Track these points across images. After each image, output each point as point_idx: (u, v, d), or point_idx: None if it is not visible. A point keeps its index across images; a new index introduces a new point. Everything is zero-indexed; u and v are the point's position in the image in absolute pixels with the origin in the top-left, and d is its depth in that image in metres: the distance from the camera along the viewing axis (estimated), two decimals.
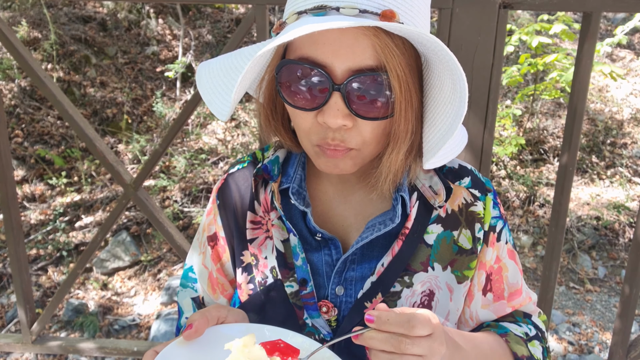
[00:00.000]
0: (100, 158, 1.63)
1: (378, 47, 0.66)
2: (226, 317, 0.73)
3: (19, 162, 5.42)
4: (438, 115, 0.71)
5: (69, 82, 5.86)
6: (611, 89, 6.61)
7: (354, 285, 0.81)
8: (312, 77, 0.69)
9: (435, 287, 0.82)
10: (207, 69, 0.79)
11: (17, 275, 1.78)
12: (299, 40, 0.70)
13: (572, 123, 1.35)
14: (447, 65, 0.66)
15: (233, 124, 6.23)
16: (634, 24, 4.42)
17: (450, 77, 0.67)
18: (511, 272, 0.89)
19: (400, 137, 0.73)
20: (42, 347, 1.85)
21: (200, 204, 5.43)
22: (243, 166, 0.93)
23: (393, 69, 0.67)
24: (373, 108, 0.70)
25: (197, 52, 6.58)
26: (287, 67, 0.71)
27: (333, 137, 0.72)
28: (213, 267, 0.94)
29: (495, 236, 0.86)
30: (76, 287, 4.70)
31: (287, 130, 0.85)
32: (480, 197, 0.86)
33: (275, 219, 0.85)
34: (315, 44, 0.68)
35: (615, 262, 5.11)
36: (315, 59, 0.68)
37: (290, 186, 0.84)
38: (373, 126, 0.72)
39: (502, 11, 1.26)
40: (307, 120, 0.73)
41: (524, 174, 5.78)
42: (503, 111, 5.79)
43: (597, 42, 1.33)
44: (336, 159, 0.74)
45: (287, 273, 0.82)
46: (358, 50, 0.67)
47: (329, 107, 0.69)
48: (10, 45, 1.54)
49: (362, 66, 0.67)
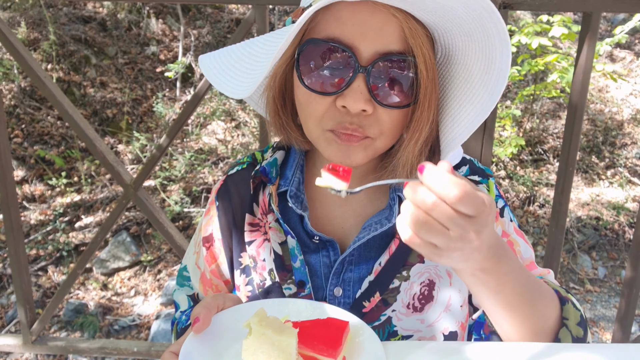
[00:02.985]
0: (101, 158, 1.63)
1: (407, 30, 0.65)
2: (224, 303, 0.74)
3: (19, 163, 5.42)
4: (463, 105, 0.69)
5: (68, 83, 5.86)
6: (611, 89, 6.61)
7: (352, 286, 0.80)
8: (337, 58, 0.67)
9: (435, 276, 0.82)
10: (213, 58, 0.79)
11: (17, 275, 1.78)
12: (324, 21, 0.68)
13: (572, 123, 1.35)
14: (487, 39, 0.63)
15: (233, 125, 6.23)
16: (633, 24, 4.42)
17: (485, 55, 0.64)
18: (523, 247, 0.87)
19: (423, 123, 0.71)
20: (42, 347, 1.85)
21: (200, 205, 5.43)
22: (242, 168, 0.92)
23: (421, 53, 0.66)
24: (396, 95, 0.68)
25: (197, 52, 6.58)
26: (312, 46, 0.69)
27: (351, 121, 0.69)
28: (207, 268, 0.93)
29: (497, 211, 0.85)
30: (76, 288, 4.69)
31: (297, 126, 0.83)
32: (482, 180, 0.86)
33: (273, 221, 0.84)
34: (343, 25, 0.66)
35: (615, 262, 5.11)
36: (342, 40, 0.66)
37: (289, 189, 0.83)
38: (392, 116, 0.70)
39: (502, 11, 1.26)
40: (322, 105, 0.71)
41: (524, 175, 5.78)
42: (503, 111, 5.79)
43: (597, 42, 1.33)
44: (349, 148, 0.72)
45: (284, 275, 0.82)
46: (386, 33, 0.65)
47: (352, 90, 0.67)
48: (10, 46, 1.54)
49: (390, 49, 0.66)
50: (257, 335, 0.65)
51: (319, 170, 0.86)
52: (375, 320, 0.80)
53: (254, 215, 0.87)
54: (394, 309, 0.80)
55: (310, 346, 0.67)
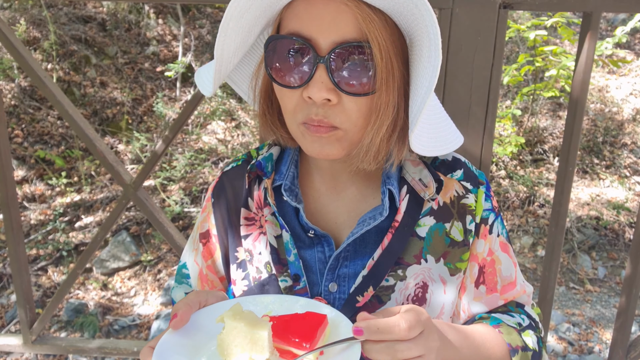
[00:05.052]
0: (100, 158, 1.63)
1: (360, 18, 0.68)
2: (207, 300, 0.74)
3: (19, 163, 5.42)
4: (420, 87, 0.71)
5: (69, 82, 5.86)
6: (611, 89, 6.61)
7: (347, 281, 0.81)
8: (298, 51, 0.71)
9: (428, 279, 0.82)
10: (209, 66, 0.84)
11: (17, 275, 1.78)
12: (285, 19, 0.72)
13: (572, 122, 1.35)
14: (423, 23, 0.66)
15: (233, 124, 6.23)
16: (633, 24, 4.41)
17: (427, 35, 0.66)
18: (504, 265, 0.89)
19: (382, 109, 0.72)
20: (42, 347, 1.85)
21: (200, 204, 5.43)
22: (237, 164, 0.94)
23: (375, 38, 0.68)
24: (357, 82, 0.70)
25: (197, 52, 6.58)
26: (275, 42, 0.73)
27: (317, 112, 0.72)
28: (203, 264, 0.95)
29: (487, 228, 0.86)
30: (76, 287, 4.69)
31: (283, 124, 0.85)
32: (472, 189, 0.86)
33: (269, 214, 0.85)
34: (300, 20, 0.70)
35: (615, 262, 5.11)
36: (301, 33, 0.70)
37: (283, 183, 0.84)
38: (358, 104, 0.72)
39: (502, 11, 1.26)
40: (292, 99, 0.74)
41: (524, 174, 5.78)
42: (503, 111, 5.79)
43: (597, 42, 1.33)
44: (321, 140, 0.74)
45: (280, 268, 0.83)
46: (341, 23, 0.68)
47: (314, 80, 0.70)
48: (10, 45, 1.54)
49: (345, 38, 0.69)
50: (230, 329, 0.65)
51: (312, 166, 0.89)
52: None
53: (249, 209, 0.88)
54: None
55: (285, 340, 0.66)
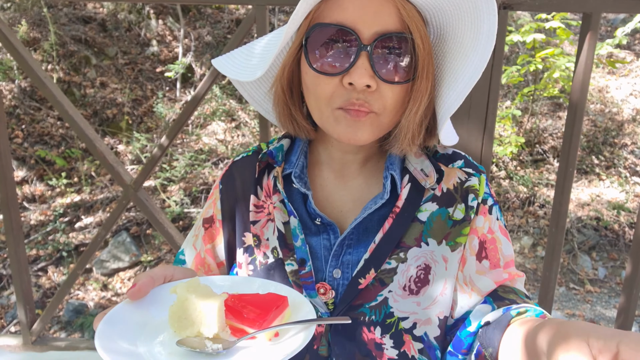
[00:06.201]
0: (101, 159, 1.63)
1: (402, 11, 0.73)
2: (172, 275, 0.73)
3: (19, 163, 5.42)
4: (458, 72, 0.75)
5: (69, 83, 5.87)
6: (611, 89, 6.61)
7: (351, 268, 0.84)
8: (342, 40, 0.74)
9: (431, 261, 0.85)
10: (227, 57, 0.89)
11: (17, 275, 1.78)
12: (328, 9, 0.75)
13: (572, 123, 1.35)
14: (474, 6, 0.70)
15: (233, 125, 6.24)
16: (634, 25, 4.41)
17: (472, 22, 0.71)
18: (504, 245, 0.91)
19: (421, 94, 0.77)
20: (42, 348, 1.85)
21: (200, 205, 5.43)
22: (248, 154, 0.97)
23: (417, 29, 0.74)
24: (396, 71, 0.75)
25: (197, 52, 6.58)
26: (318, 30, 0.76)
27: (357, 97, 0.76)
28: (202, 248, 0.97)
29: (486, 208, 0.89)
30: (76, 288, 4.69)
31: (303, 114, 0.90)
32: (475, 174, 0.91)
33: (278, 201, 0.88)
34: (344, 11, 0.73)
35: (615, 262, 5.11)
36: (345, 23, 0.74)
37: (293, 171, 0.88)
38: (394, 91, 0.76)
39: (502, 12, 1.26)
40: (330, 86, 0.77)
41: (524, 175, 5.78)
42: (503, 111, 5.79)
43: (597, 42, 1.33)
44: (357, 124, 0.78)
45: (287, 253, 0.86)
46: (384, 15, 0.73)
47: (357, 67, 0.73)
48: (10, 46, 1.54)
49: (388, 29, 0.73)
50: (182, 300, 0.64)
51: (322, 157, 0.93)
52: (372, 300, 0.82)
53: (258, 197, 0.92)
54: (391, 290, 0.83)
55: (238, 317, 0.66)
